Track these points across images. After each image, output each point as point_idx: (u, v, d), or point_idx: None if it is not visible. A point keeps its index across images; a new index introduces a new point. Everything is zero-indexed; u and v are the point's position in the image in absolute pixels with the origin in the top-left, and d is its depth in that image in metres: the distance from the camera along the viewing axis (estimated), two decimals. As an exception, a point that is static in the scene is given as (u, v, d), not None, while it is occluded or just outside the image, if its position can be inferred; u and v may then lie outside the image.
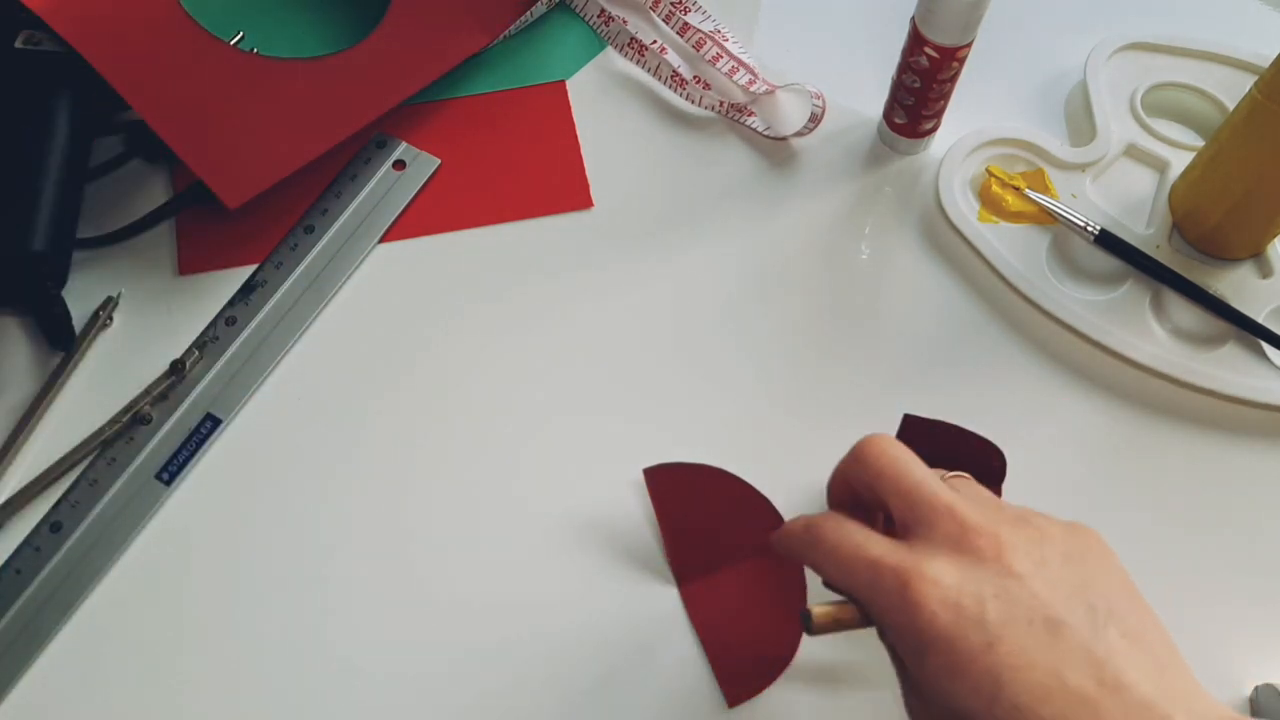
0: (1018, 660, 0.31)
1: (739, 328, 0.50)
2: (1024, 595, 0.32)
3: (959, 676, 0.31)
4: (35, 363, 0.48)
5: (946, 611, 0.32)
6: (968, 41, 0.48)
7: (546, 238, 0.52)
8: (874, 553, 0.34)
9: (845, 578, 0.34)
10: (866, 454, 0.36)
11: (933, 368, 0.49)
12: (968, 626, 0.31)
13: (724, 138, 0.55)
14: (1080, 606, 0.32)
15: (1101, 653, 0.31)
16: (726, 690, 0.42)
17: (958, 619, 0.31)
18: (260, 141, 0.49)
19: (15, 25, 0.49)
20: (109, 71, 0.48)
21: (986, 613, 0.31)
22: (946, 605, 0.32)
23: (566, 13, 0.58)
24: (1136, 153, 0.54)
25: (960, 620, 0.31)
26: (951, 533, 0.33)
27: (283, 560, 0.44)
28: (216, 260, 0.50)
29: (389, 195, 0.52)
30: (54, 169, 0.48)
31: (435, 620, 0.43)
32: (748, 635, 0.43)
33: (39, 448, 0.46)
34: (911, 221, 0.53)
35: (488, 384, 0.48)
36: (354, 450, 0.46)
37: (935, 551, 0.33)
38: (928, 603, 0.32)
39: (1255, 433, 0.48)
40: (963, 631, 0.31)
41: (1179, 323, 0.50)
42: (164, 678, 0.42)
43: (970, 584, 0.32)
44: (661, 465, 0.46)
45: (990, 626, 0.31)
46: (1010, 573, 0.32)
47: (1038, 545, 0.33)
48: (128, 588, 0.43)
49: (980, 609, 0.31)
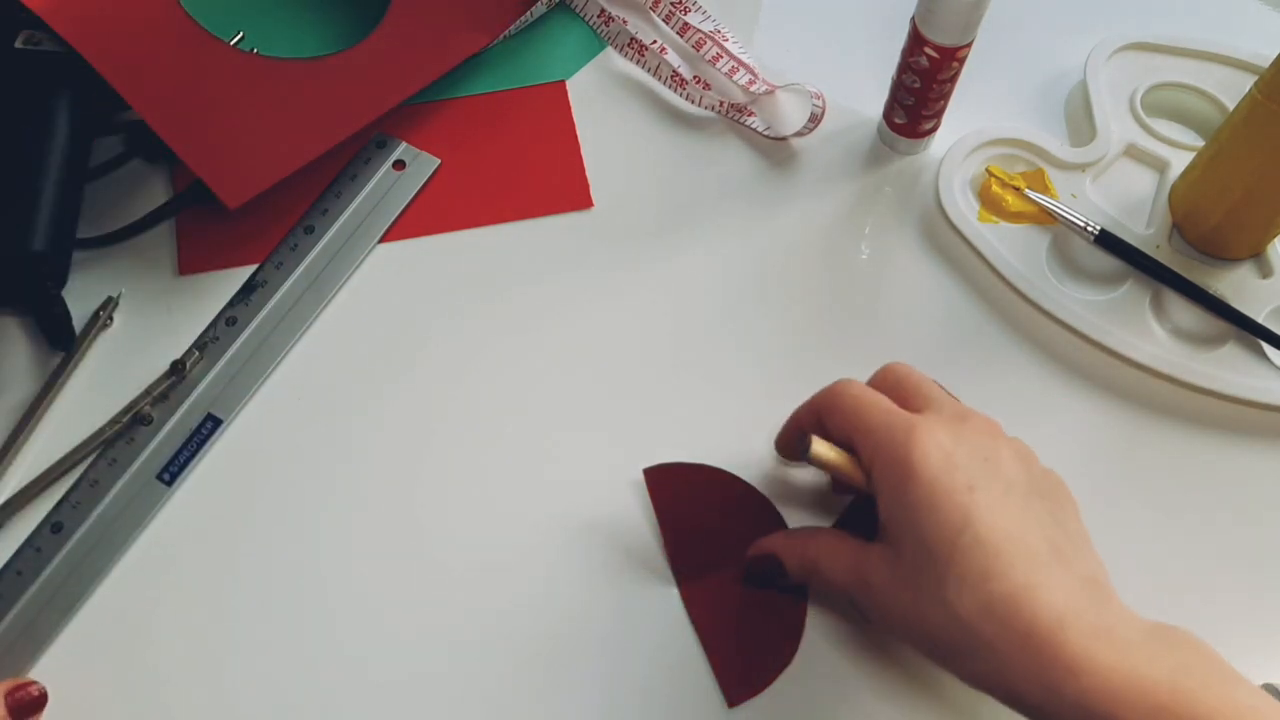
0: (990, 507, 0.35)
1: (739, 328, 0.50)
2: (1007, 471, 0.36)
3: (935, 509, 0.35)
4: (35, 363, 0.48)
5: (939, 454, 0.36)
6: (968, 41, 0.48)
7: (546, 238, 0.52)
8: (889, 407, 0.38)
9: (859, 420, 0.38)
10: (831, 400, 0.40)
11: (932, 367, 0.49)
12: (954, 471, 0.36)
13: (724, 138, 0.55)
14: (1048, 505, 0.36)
15: (1059, 535, 0.35)
16: (726, 690, 0.42)
17: (947, 463, 0.36)
18: (260, 141, 0.49)
19: (15, 25, 0.49)
20: (109, 72, 0.48)
21: (973, 467, 0.36)
22: (941, 450, 0.36)
23: (566, 13, 0.58)
24: (1136, 153, 0.54)
25: (948, 465, 0.36)
26: (955, 410, 0.39)
27: (284, 560, 0.44)
28: (216, 260, 0.50)
29: (389, 195, 0.52)
30: (54, 169, 0.48)
31: (437, 620, 0.43)
32: (748, 635, 0.43)
33: (39, 448, 0.46)
34: (911, 222, 0.53)
35: (488, 384, 0.48)
36: (355, 450, 0.46)
37: (942, 419, 0.38)
38: (924, 443, 0.36)
39: (1255, 433, 0.48)
40: (948, 473, 0.36)
41: (1179, 323, 0.50)
42: (166, 678, 0.42)
43: (964, 446, 0.36)
44: (661, 465, 0.46)
45: (974, 477, 0.36)
46: (998, 449, 0.37)
47: (1021, 451, 0.38)
48: (129, 588, 0.43)
49: (969, 463, 0.36)
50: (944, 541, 0.35)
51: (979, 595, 0.34)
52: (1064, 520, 0.36)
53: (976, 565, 0.34)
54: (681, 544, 0.44)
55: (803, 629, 0.43)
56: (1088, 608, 0.33)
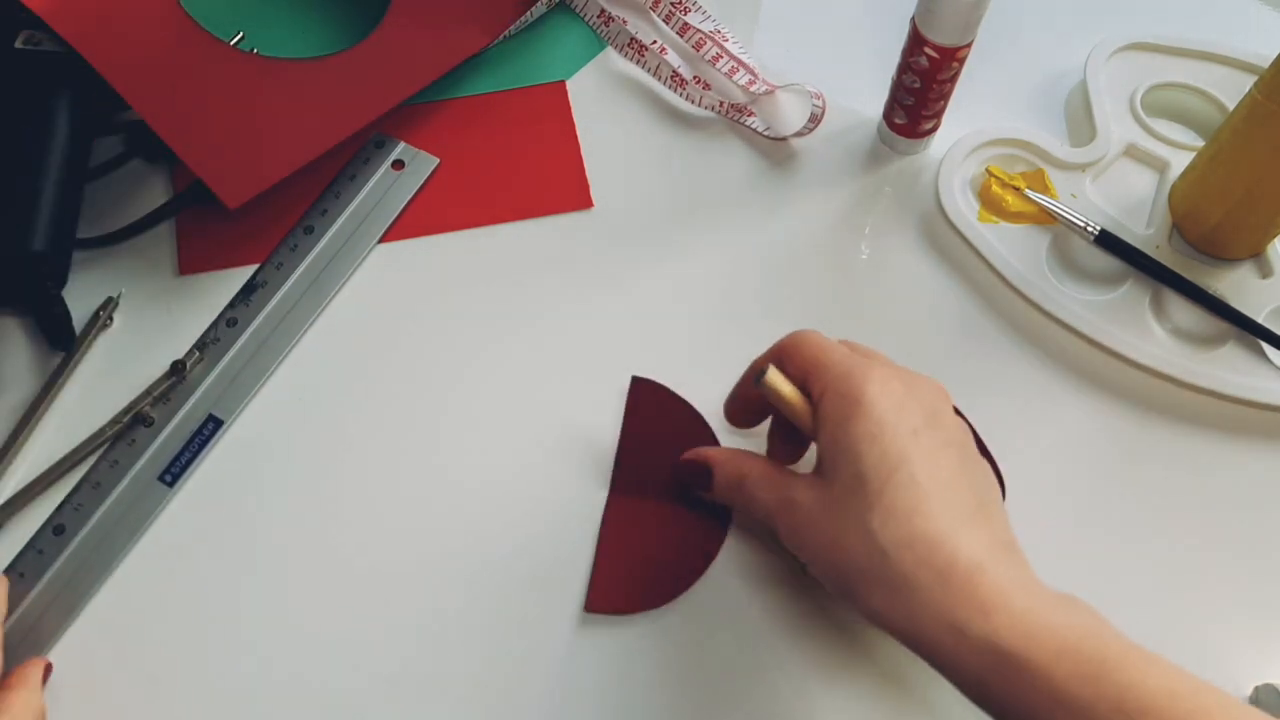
0: (930, 454, 0.36)
1: (739, 328, 0.50)
2: (949, 429, 0.38)
3: (877, 442, 0.36)
4: (35, 363, 0.48)
5: (891, 396, 0.37)
6: (968, 42, 0.48)
7: (547, 238, 0.52)
8: (847, 352, 0.40)
9: (820, 356, 0.39)
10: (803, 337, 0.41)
11: (932, 367, 0.49)
12: (902, 413, 0.37)
13: (724, 138, 0.55)
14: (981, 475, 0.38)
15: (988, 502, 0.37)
16: (592, 595, 0.43)
17: (897, 405, 0.37)
18: (260, 141, 0.49)
19: (15, 25, 0.49)
20: (109, 72, 0.48)
21: (919, 416, 0.37)
22: (893, 394, 0.37)
23: (566, 13, 0.58)
24: (1136, 153, 0.54)
25: (898, 406, 0.37)
26: (907, 370, 0.40)
27: (288, 560, 0.44)
28: (217, 260, 0.50)
29: (388, 195, 0.52)
30: (54, 169, 0.48)
31: (439, 616, 0.43)
32: (640, 563, 0.44)
33: (39, 448, 0.46)
34: (911, 222, 0.53)
35: (489, 384, 0.48)
36: (356, 449, 0.46)
37: (893, 370, 0.39)
38: (877, 383, 0.38)
39: (1255, 433, 0.48)
40: (897, 413, 0.37)
41: (1179, 323, 0.50)
42: (168, 679, 0.42)
43: (914, 398, 0.38)
44: (650, 381, 0.47)
45: (919, 424, 0.37)
46: (944, 413, 0.38)
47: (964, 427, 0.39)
48: (131, 590, 0.43)
49: (916, 411, 0.37)
50: (880, 474, 0.36)
51: (903, 529, 0.35)
52: (992, 495, 0.38)
53: (906, 501, 0.35)
54: (630, 458, 0.46)
55: (692, 581, 0.44)
56: (1005, 561, 0.35)
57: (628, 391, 0.47)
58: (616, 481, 0.46)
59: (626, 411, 0.47)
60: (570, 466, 0.46)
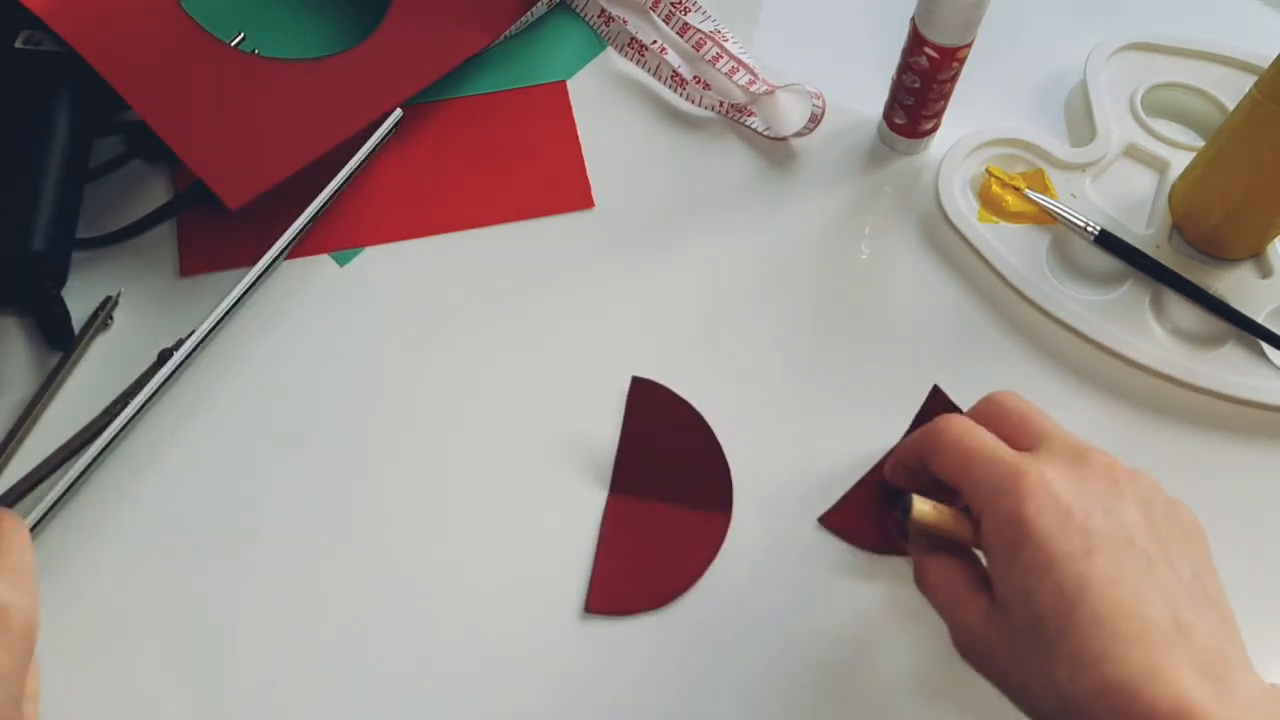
0: (1109, 574, 0.32)
1: (739, 327, 0.50)
2: (1129, 521, 0.33)
3: (1048, 575, 0.32)
4: (34, 363, 0.48)
5: (1054, 509, 0.33)
6: (968, 42, 0.48)
7: (548, 238, 0.52)
8: (996, 450, 0.35)
9: (961, 465, 0.35)
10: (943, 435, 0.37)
11: (932, 367, 0.49)
12: (1071, 530, 0.32)
13: (724, 138, 0.55)
14: (1175, 556, 0.33)
15: (1184, 600, 0.32)
16: (592, 596, 0.43)
17: (1062, 521, 0.32)
18: (262, 142, 0.49)
19: (15, 25, 0.49)
20: (109, 72, 0.48)
21: (1091, 523, 0.32)
22: (1056, 505, 0.33)
23: (567, 13, 0.58)
24: (1136, 153, 0.54)
25: (1064, 523, 0.32)
26: (1071, 447, 0.35)
27: (286, 559, 0.44)
28: (218, 261, 0.50)
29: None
30: (54, 169, 0.48)
31: (442, 614, 0.43)
32: (640, 564, 0.44)
33: (37, 448, 0.46)
34: (911, 222, 0.53)
35: (490, 384, 0.48)
36: (355, 449, 0.46)
37: (1055, 459, 0.34)
38: (1036, 497, 0.33)
39: (1255, 433, 0.48)
40: (1065, 533, 0.32)
41: (1179, 323, 0.50)
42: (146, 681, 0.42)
43: (1082, 495, 0.33)
44: (650, 380, 0.47)
45: (1092, 536, 0.32)
46: (1121, 495, 0.34)
47: (1144, 492, 0.35)
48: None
49: (1085, 519, 0.33)
50: (1058, 614, 0.32)
51: (1093, 679, 0.31)
52: (1191, 569, 0.34)
53: (1092, 646, 0.31)
54: (630, 459, 0.46)
55: (692, 582, 0.44)
56: (1212, 698, 0.30)
57: (628, 392, 0.47)
58: (616, 482, 0.46)
59: (627, 412, 0.47)
60: (570, 467, 0.46)
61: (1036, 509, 0.33)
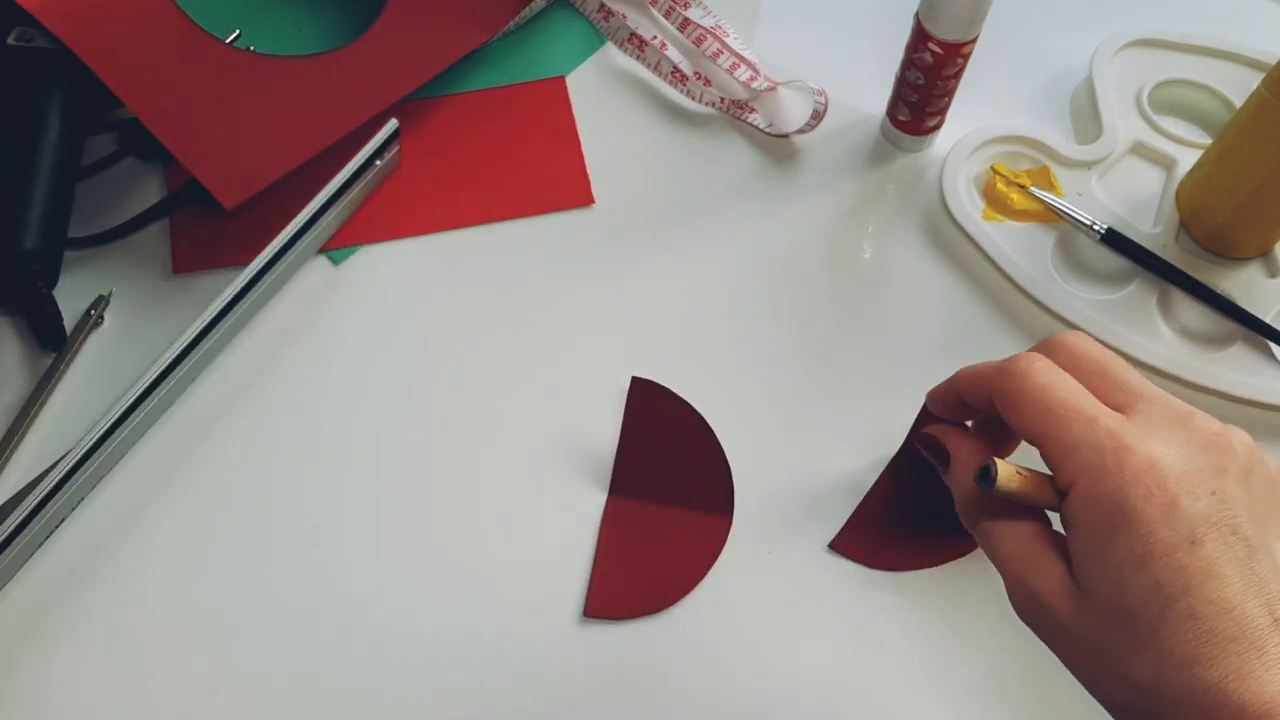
0: (1211, 568, 0.29)
1: (741, 326, 0.49)
2: (1233, 500, 0.30)
3: (1146, 567, 0.29)
4: (26, 363, 0.47)
5: (1160, 495, 0.30)
6: (972, 37, 0.48)
7: (548, 235, 0.51)
8: (1091, 409, 0.32)
9: (1048, 422, 0.32)
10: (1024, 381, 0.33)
11: (936, 366, 0.48)
12: (1176, 518, 0.30)
13: (725, 135, 0.55)
14: (1272, 535, 0.31)
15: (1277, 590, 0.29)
16: (591, 599, 0.43)
17: (1168, 508, 0.30)
18: (257, 140, 0.49)
19: (8, 21, 0.49)
20: (102, 69, 0.47)
21: (1197, 508, 0.30)
22: (1163, 490, 0.30)
23: (566, 8, 0.58)
24: (1143, 150, 0.53)
25: (1170, 510, 0.30)
26: (1173, 413, 0.32)
27: (288, 560, 0.44)
28: (211, 259, 0.50)
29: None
30: (46, 167, 0.47)
31: (441, 616, 0.43)
32: (639, 567, 0.43)
33: (33, 448, 0.45)
34: (915, 220, 0.52)
35: (488, 384, 0.48)
36: (354, 449, 0.46)
37: (1156, 428, 0.31)
38: (1142, 481, 0.30)
39: (1263, 434, 0.47)
40: (1169, 522, 0.30)
41: (1186, 322, 0.49)
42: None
43: (1188, 475, 0.30)
44: (650, 381, 0.46)
45: (1197, 524, 0.30)
46: (1225, 471, 0.31)
47: (1245, 460, 0.31)
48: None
49: (1192, 504, 0.30)
50: (1150, 610, 0.29)
51: (1181, 679, 0.29)
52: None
53: (1185, 646, 0.29)
54: (630, 460, 0.45)
55: (691, 586, 0.43)
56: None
57: (628, 392, 0.47)
58: (616, 484, 0.45)
59: (626, 412, 0.46)
60: (570, 467, 0.46)
61: (1143, 495, 0.30)
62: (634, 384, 0.47)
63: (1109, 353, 0.34)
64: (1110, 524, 0.30)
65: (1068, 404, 0.32)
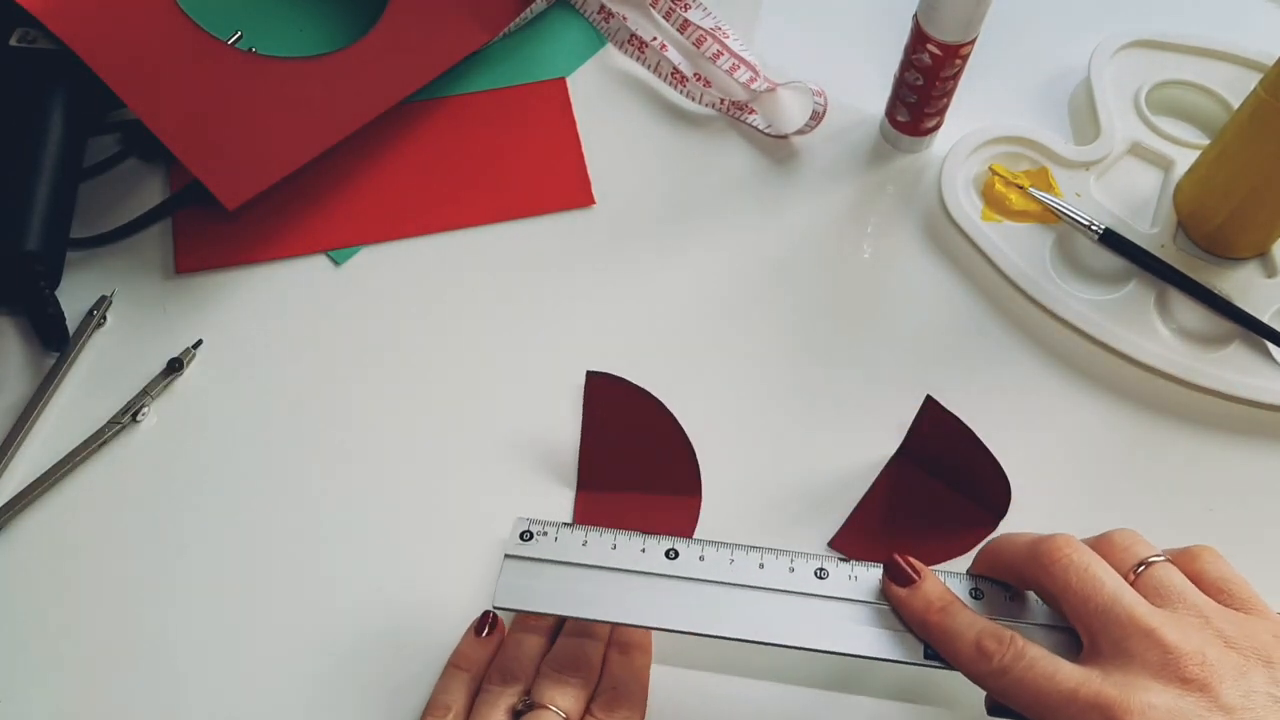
0: None
1: (740, 326, 0.50)
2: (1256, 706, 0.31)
3: None
4: (29, 363, 0.47)
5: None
6: (970, 39, 0.48)
7: (549, 235, 0.52)
8: (1069, 684, 0.32)
9: (1040, 714, 0.33)
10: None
11: (935, 367, 0.49)
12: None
13: (725, 135, 0.55)
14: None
15: None
16: None
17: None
18: (259, 141, 0.49)
19: (10, 22, 0.49)
20: (105, 71, 0.47)
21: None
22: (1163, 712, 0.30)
23: (566, 9, 0.58)
24: (1141, 151, 0.53)
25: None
26: (1153, 660, 0.32)
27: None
28: (213, 259, 0.50)
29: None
30: (48, 168, 0.47)
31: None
32: None
33: (36, 449, 0.46)
34: (914, 220, 0.53)
35: (489, 381, 0.48)
36: (351, 447, 0.46)
37: (1136, 681, 0.31)
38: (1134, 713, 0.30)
39: (1260, 433, 0.48)
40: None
41: (1184, 322, 0.49)
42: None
43: (1195, 691, 0.31)
44: (605, 374, 0.45)
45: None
46: (1219, 705, 0.31)
47: (1244, 673, 0.32)
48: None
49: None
50: None
51: None
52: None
53: None
54: (594, 454, 0.45)
55: None
56: None
57: (584, 387, 0.46)
58: (583, 479, 0.45)
59: (585, 407, 0.46)
60: (571, 462, 0.46)
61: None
62: (590, 378, 0.45)
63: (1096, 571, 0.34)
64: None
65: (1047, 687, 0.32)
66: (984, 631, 0.35)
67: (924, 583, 0.37)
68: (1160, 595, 0.33)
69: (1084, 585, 0.33)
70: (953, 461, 0.44)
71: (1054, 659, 0.33)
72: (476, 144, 0.54)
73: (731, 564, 0.39)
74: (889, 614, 0.37)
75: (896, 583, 0.37)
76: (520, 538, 0.40)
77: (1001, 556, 0.37)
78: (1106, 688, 0.31)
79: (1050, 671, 0.33)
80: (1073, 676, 0.32)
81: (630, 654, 0.39)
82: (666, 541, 0.39)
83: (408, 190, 0.52)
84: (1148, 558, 0.35)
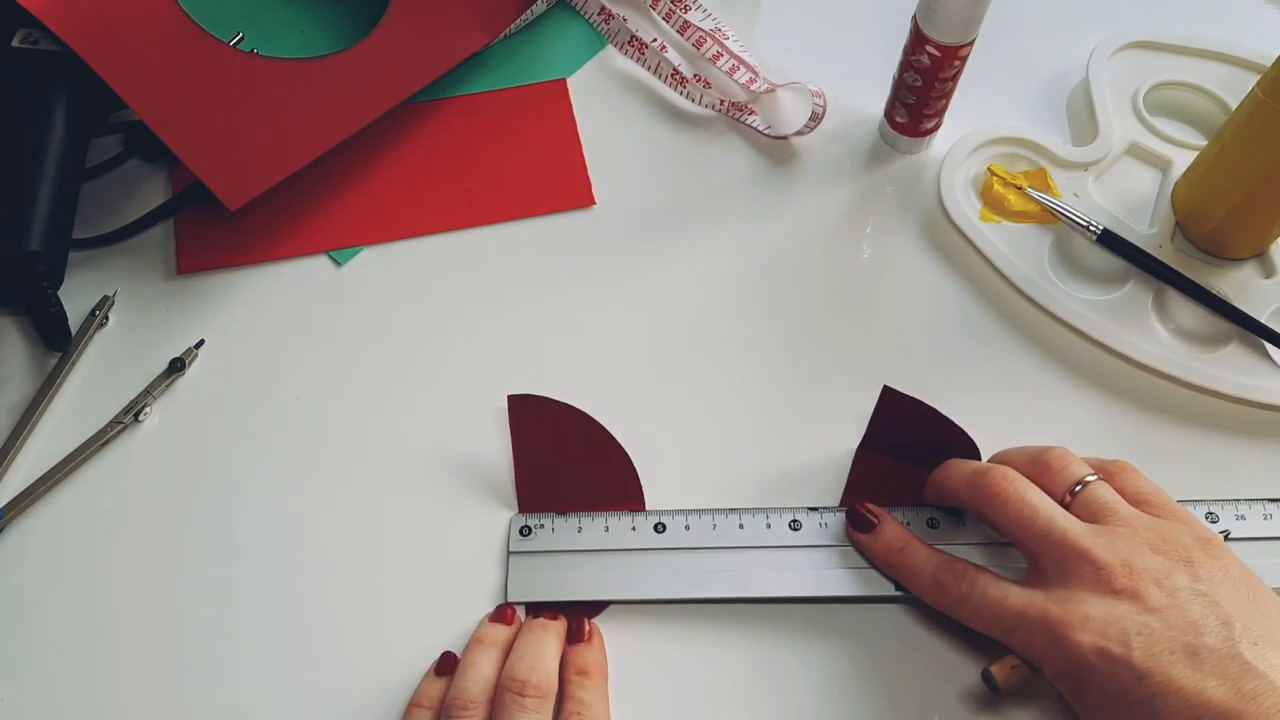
0: (1166, 687, 0.34)
1: (740, 327, 0.50)
2: (1162, 629, 0.35)
3: (1116, 706, 0.35)
4: (32, 363, 0.48)
5: (1097, 656, 0.35)
6: (969, 40, 0.48)
7: (549, 236, 0.52)
8: (1015, 605, 0.37)
9: (996, 634, 0.38)
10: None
11: (934, 367, 0.49)
12: (1118, 665, 0.35)
13: (725, 137, 0.55)
14: (1214, 625, 0.35)
15: (1237, 668, 0.34)
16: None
17: (1108, 660, 0.35)
18: (260, 142, 0.49)
19: (12, 24, 0.49)
20: (107, 72, 0.48)
21: (1133, 651, 0.35)
22: (1096, 650, 0.35)
23: (567, 11, 0.58)
24: (1139, 152, 0.54)
25: (1110, 660, 0.35)
26: (1088, 576, 0.37)
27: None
28: (215, 259, 0.50)
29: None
30: (50, 168, 0.47)
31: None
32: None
33: (38, 449, 0.46)
34: (913, 221, 0.53)
35: (489, 382, 0.48)
36: (349, 446, 0.46)
37: (1075, 595, 0.36)
38: (1079, 649, 0.35)
39: (1258, 433, 0.48)
40: (1114, 669, 0.35)
41: (1181, 323, 0.49)
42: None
43: (1114, 625, 0.35)
44: (526, 395, 0.44)
45: (1137, 663, 0.34)
46: (1148, 608, 0.35)
47: (1168, 574, 0.36)
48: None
49: (1126, 649, 0.35)
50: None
51: None
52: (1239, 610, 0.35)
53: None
54: (529, 477, 0.45)
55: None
56: None
57: (508, 412, 0.44)
58: (522, 504, 0.45)
59: (512, 432, 0.44)
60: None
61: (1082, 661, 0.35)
62: (512, 402, 0.44)
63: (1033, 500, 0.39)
64: (1076, 688, 0.36)
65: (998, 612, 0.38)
66: (939, 566, 0.40)
67: (883, 527, 0.42)
68: (1094, 512, 0.39)
69: (1021, 515, 0.39)
70: (922, 443, 0.44)
71: (1002, 584, 0.38)
72: (478, 145, 0.54)
73: (714, 529, 0.43)
74: (859, 554, 0.43)
75: (859, 529, 0.43)
76: (520, 533, 0.42)
77: (946, 489, 0.42)
78: (1050, 605, 0.37)
79: (1000, 597, 0.38)
80: (1020, 598, 0.37)
81: (590, 676, 0.39)
82: (653, 516, 0.43)
83: (409, 191, 0.53)
84: (1083, 477, 0.40)
